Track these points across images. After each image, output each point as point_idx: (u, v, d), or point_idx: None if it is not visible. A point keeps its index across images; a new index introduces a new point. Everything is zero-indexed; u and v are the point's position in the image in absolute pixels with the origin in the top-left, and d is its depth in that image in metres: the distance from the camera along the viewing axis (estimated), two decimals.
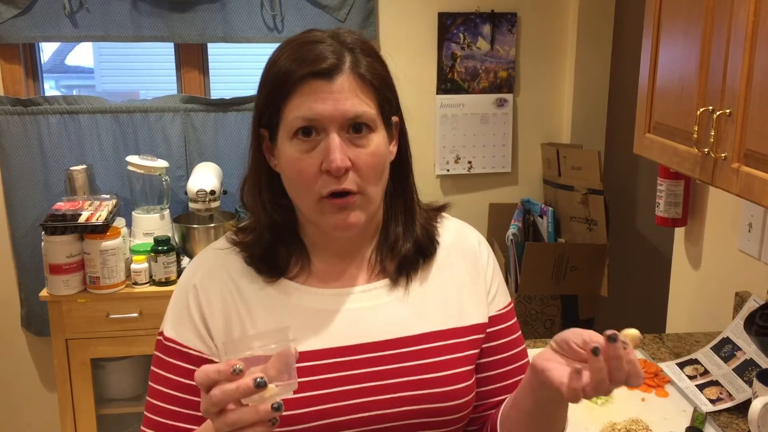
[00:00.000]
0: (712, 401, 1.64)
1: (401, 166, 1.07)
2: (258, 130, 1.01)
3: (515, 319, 1.14)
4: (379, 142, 0.97)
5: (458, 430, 1.05)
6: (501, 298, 1.12)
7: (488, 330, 1.08)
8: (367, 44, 1.00)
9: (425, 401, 0.99)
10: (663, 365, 1.81)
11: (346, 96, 0.94)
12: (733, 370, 1.70)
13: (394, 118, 1.04)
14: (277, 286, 1.03)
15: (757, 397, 1.43)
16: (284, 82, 0.95)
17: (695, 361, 1.81)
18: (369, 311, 1.02)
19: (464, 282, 1.08)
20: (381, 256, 1.06)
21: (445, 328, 1.04)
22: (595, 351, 0.84)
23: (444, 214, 1.14)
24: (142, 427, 1.02)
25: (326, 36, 0.98)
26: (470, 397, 1.03)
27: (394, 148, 1.04)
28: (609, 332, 0.84)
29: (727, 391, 1.66)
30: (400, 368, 1.00)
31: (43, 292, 2.57)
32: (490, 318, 1.09)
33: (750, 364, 1.68)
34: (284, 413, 0.82)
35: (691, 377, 1.75)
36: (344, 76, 0.95)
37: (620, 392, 1.69)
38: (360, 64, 0.96)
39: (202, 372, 0.80)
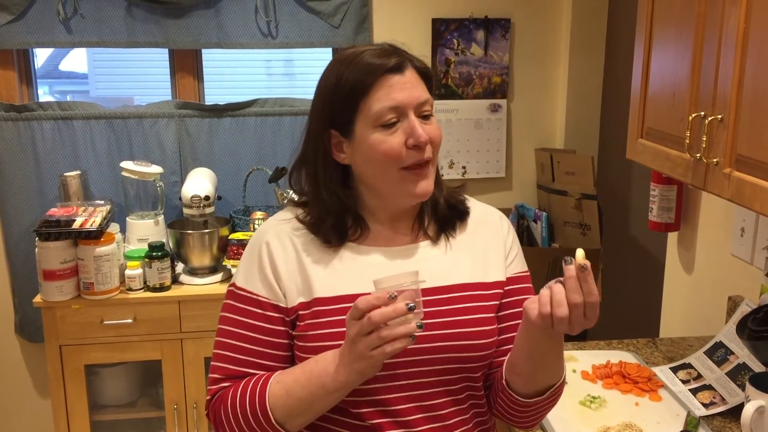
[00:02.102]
0: (706, 405, 1.65)
1: None
2: (326, 133, 1.19)
3: (530, 285, 1.31)
4: (436, 123, 1.21)
5: (481, 368, 1.22)
6: (518, 264, 1.31)
7: (505, 288, 1.27)
8: (402, 47, 1.21)
9: (456, 339, 1.18)
10: (656, 369, 1.82)
11: (414, 85, 1.17)
12: (726, 374, 1.71)
13: None
14: (339, 247, 1.22)
15: (749, 400, 1.44)
16: (362, 82, 1.15)
17: (688, 366, 1.82)
18: (414, 265, 1.20)
19: (488, 247, 1.28)
20: (424, 222, 1.26)
21: (473, 281, 1.23)
22: (564, 260, 1.06)
23: (468, 197, 1.34)
24: (212, 362, 1.21)
25: (368, 45, 1.20)
26: (492, 339, 1.22)
27: None
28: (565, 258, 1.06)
29: (720, 395, 1.66)
30: (438, 311, 1.18)
31: (37, 298, 2.57)
32: (508, 278, 1.28)
33: (743, 368, 1.68)
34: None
35: (684, 381, 1.76)
36: (409, 70, 1.18)
37: (613, 397, 1.70)
38: (415, 60, 1.20)
39: (363, 299, 1.03)
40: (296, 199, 1.28)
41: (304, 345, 1.16)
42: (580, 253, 1.04)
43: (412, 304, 1.03)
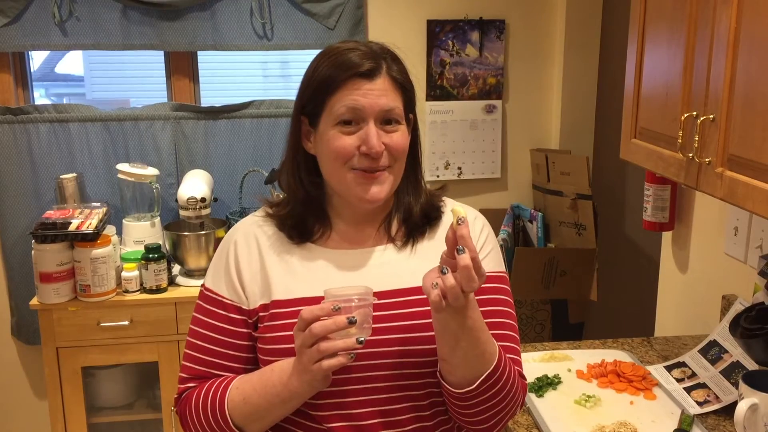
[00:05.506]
0: (700, 403, 1.66)
1: (413, 153, 1.26)
2: (299, 118, 1.22)
3: (504, 285, 1.25)
4: (404, 130, 1.20)
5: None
6: (489, 263, 1.24)
7: None
8: (392, 52, 1.21)
9: (410, 343, 1.16)
10: (651, 368, 1.83)
11: (382, 93, 1.16)
12: (720, 372, 1.72)
13: (411, 115, 1.25)
14: (301, 246, 1.23)
15: (742, 398, 1.45)
16: (332, 80, 1.16)
17: (683, 364, 1.83)
18: (375, 268, 1.21)
19: None
20: (392, 225, 1.25)
21: None
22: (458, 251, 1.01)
23: (447, 198, 1.32)
24: (183, 362, 1.24)
25: (360, 45, 1.19)
26: None
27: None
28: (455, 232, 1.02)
29: (715, 394, 1.67)
30: (393, 315, 1.17)
31: (34, 301, 2.57)
32: None
33: (737, 366, 1.69)
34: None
35: (678, 380, 1.77)
36: (381, 77, 1.17)
37: (608, 395, 1.71)
38: (392, 69, 1.19)
39: (308, 310, 1.04)
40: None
41: (263, 347, 1.18)
42: (458, 210, 1.03)
43: (353, 318, 1.02)
